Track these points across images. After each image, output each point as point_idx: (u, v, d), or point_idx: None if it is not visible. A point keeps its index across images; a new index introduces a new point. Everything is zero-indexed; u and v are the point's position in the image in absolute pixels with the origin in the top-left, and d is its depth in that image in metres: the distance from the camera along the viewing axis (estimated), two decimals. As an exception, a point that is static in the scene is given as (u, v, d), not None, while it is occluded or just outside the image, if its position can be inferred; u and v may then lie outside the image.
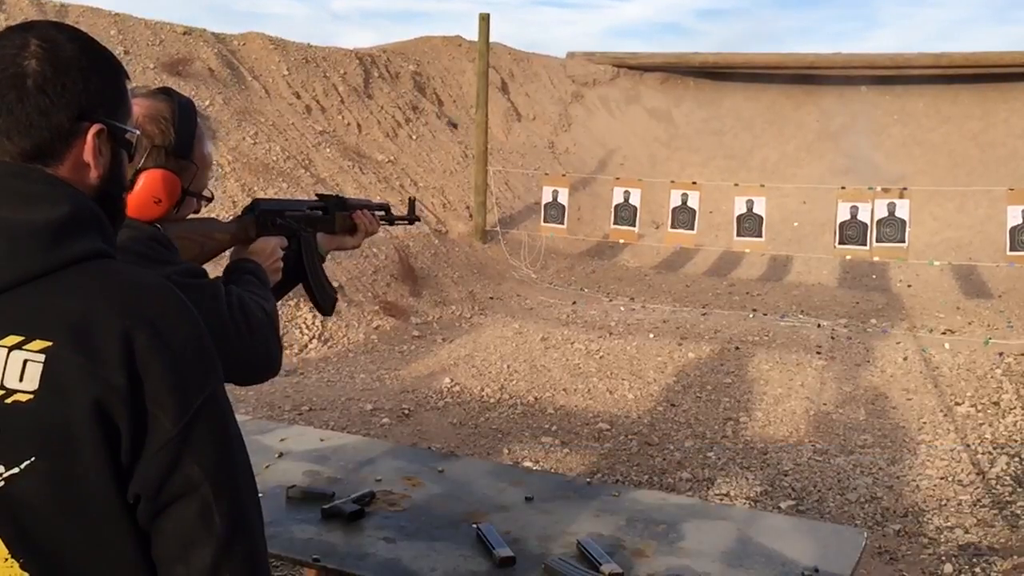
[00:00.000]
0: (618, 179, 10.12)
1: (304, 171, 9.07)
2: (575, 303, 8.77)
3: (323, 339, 6.95)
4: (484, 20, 10.45)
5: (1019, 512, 4.23)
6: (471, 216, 10.58)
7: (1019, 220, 7.59)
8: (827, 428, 5.38)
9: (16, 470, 1.05)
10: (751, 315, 8.33)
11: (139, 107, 1.65)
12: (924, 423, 5.46)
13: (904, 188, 8.93)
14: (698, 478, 4.64)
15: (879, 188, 8.92)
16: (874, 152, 13.39)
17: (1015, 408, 5.60)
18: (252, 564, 1.16)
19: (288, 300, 6.72)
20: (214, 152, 8.32)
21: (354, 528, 2.20)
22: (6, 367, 1.05)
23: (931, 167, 12.81)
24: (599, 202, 11.49)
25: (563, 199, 9.79)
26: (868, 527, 4.05)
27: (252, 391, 5.60)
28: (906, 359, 6.71)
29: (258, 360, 1.78)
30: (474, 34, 10.73)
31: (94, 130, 1.15)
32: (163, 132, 1.75)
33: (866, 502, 4.36)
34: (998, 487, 4.53)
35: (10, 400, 1.05)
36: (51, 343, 1.05)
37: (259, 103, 9.67)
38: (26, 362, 1.05)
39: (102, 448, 1.06)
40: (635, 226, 9.46)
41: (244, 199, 7.71)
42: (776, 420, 5.51)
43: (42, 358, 1.05)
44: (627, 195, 9.47)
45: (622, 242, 10.24)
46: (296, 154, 9.25)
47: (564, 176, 10.58)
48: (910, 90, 14.20)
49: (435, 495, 2.42)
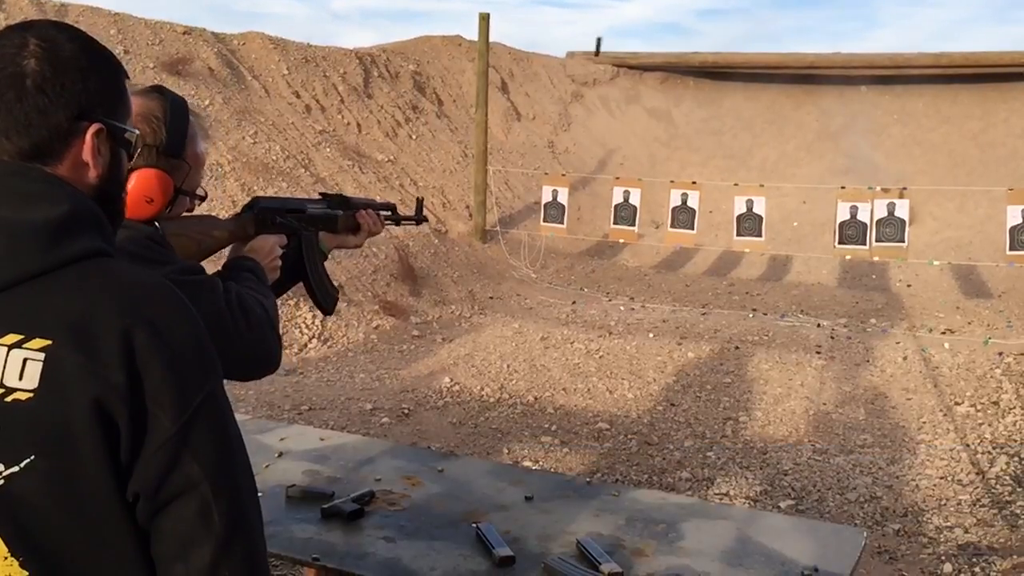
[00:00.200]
0: (618, 179, 10.12)
1: (304, 171, 9.07)
2: (575, 303, 8.77)
3: (323, 339, 6.95)
4: (484, 20, 10.45)
5: (1019, 512, 4.23)
6: (471, 216, 10.58)
7: (1019, 220, 7.59)
8: (827, 428, 5.38)
9: (16, 468, 1.05)
10: (751, 315, 8.33)
11: None
12: (924, 423, 5.46)
13: (904, 188, 8.92)
14: (698, 478, 4.64)
15: (879, 188, 8.92)
16: (874, 152, 13.39)
17: (1015, 408, 5.60)
18: (251, 563, 1.16)
19: (288, 299, 6.71)
20: (213, 151, 8.33)
21: (354, 527, 2.20)
22: (6, 366, 1.05)
23: (931, 167, 12.81)
24: (599, 202, 11.49)
25: (563, 199, 9.79)
26: (868, 527, 4.05)
27: (252, 390, 5.60)
28: (906, 359, 6.71)
29: (257, 356, 1.78)
30: (474, 34, 10.74)
31: (93, 130, 1.15)
32: (154, 131, 1.73)
33: (866, 502, 4.36)
34: (997, 487, 4.53)
35: (10, 399, 1.05)
36: (51, 342, 1.05)
37: (259, 103, 9.67)
38: (26, 361, 1.05)
39: (102, 446, 1.06)
40: (635, 226, 9.46)
41: (244, 198, 7.71)
42: (776, 420, 5.51)
43: (42, 356, 1.05)
44: (627, 195, 9.47)
45: (622, 242, 10.24)
46: (296, 154, 9.25)
47: (564, 176, 10.58)
48: (910, 90, 14.20)
49: (435, 494, 2.42)
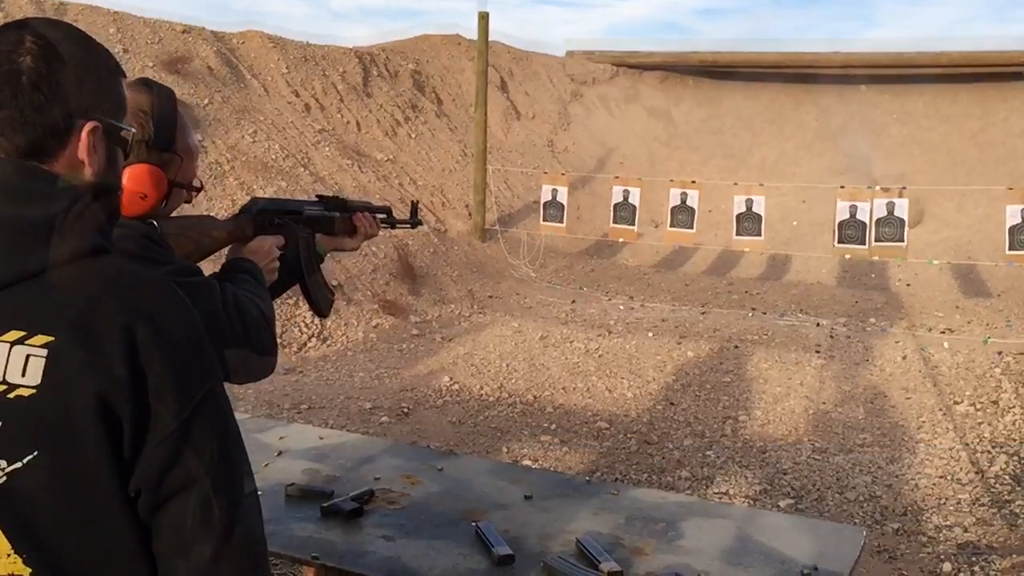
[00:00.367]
0: (617, 178, 10.11)
1: (303, 169, 9.06)
2: (574, 302, 8.77)
3: (322, 338, 6.95)
4: (483, 19, 10.44)
5: (1018, 511, 4.23)
6: (470, 215, 10.58)
7: (1018, 219, 7.60)
8: (826, 427, 5.38)
9: (18, 465, 1.06)
10: (750, 314, 8.33)
11: None
12: (923, 422, 5.46)
13: (903, 188, 8.92)
14: (697, 477, 4.64)
15: (878, 188, 8.91)
16: (873, 151, 13.39)
17: (1014, 407, 5.60)
18: (252, 559, 1.16)
19: (287, 298, 6.71)
20: (212, 150, 8.33)
21: (353, 526, 2.20)
22: (8, 362, 1.05)
23: (930, 166, 12.81)
24: (598, 201, 11.48)
25: (562, 198, 9.79)
26: (867, 526, 4.05)
27: (251, 389, 5.60)
28: (905, 358, 6.71)
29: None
30: (473, 30, 10.74)
31: (88, 127, 1.15)
32: (142, 126, 1.71)
33: (865, 501, 4.36)
34: (997, 486, 4.53)
35: (12, 395, 1.05)
36: (53, 338, 1.06)
37: (258, 101, 9.66)
38: (28, 357, 1.05)
39: (104, 442, 1.07)
40: (634, 225, 9.46)
41: (243, 197, 7.71)
42: (775, 419, 5.51)
43: (44, 353, 1.05)
44: (626, 194, 9.47)
45: (621, 241, 10.24)
46: (295, 152, 9.25)
47: (563, 175, 10.58)
48: (909, 89, 14.20)
49: (434, 493, 2.41)
